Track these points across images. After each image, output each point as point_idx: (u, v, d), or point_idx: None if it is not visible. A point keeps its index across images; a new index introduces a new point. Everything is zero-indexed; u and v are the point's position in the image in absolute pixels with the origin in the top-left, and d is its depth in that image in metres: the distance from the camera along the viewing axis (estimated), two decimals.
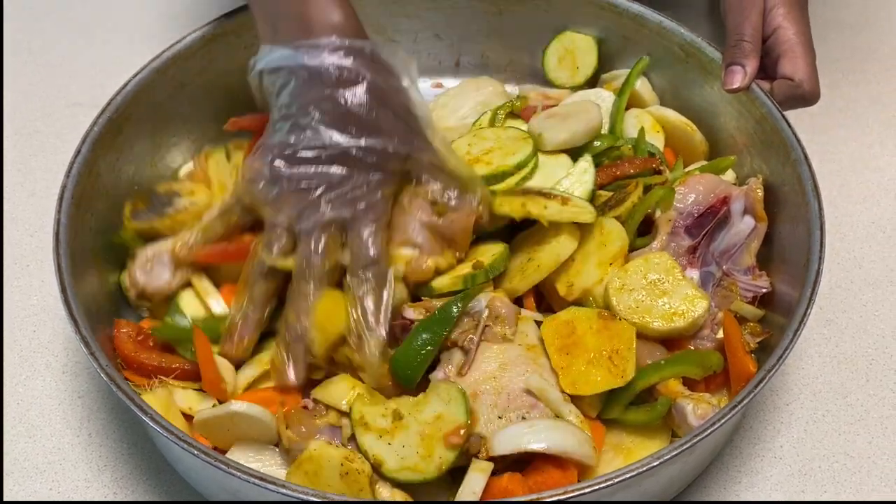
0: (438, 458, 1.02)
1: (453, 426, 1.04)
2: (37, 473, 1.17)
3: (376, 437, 1.04)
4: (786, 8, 1.30)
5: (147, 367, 1.13)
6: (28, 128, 1.57)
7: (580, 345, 1.12)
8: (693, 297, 1.16)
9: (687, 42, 1.37)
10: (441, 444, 1.03)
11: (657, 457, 0.96)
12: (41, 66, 1.67)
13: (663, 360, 1.14)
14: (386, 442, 1.04)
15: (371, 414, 1.06)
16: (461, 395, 1.05)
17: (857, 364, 1.29)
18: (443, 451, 1.03)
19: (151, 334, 1.16)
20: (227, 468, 0.95)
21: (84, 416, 1.23)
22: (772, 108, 1.27)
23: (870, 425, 1.23)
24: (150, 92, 1.32)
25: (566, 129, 1.32)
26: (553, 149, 1.32)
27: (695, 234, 1.25)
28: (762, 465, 1.19)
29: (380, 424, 1.05)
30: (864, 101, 1.61)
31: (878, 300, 1.35)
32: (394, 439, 1.04)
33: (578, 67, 1.49)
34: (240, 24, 1.39)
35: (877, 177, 1.50)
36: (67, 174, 1.19)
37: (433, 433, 1.04)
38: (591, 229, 1.21)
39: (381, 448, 1.04)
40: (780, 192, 1.26)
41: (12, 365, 1.27)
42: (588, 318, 1.14)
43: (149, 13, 1.75)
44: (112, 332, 1.17)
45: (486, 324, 1.13)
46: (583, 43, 1.49)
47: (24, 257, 1.39)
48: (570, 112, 1.35)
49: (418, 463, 1.03)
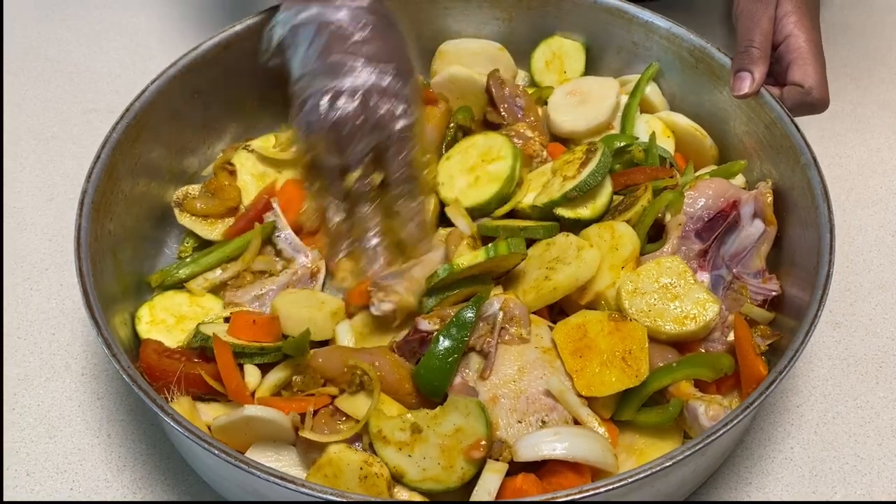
0: (461, 468, 1.04)
1: (474, 439, 1.05)
2: (57, 473, 1.19)
3: (396, 449, 1.06)
4: (797, 16, 1.31)
5: (170, 374, 1.14)
6: (45, 133, 1.59)
7: (593, 347, 1.13)
8: (704, 301, 1.17)
9: (696, 47, 1.39)
10: (462, 456, 1.04)
11: (669, 457, 0.97)
12: (58, 72, 1.69)
13: (675, 362, 1.15)
14: (406, 454, 1.05)
15: (389, 427, 1.07)
16: (480, 408, 1.06)
17: (867, 366, 1.30)
18: (464, 464, 1.04)
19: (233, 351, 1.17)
20: (248, 468, 0.96)
21: (104, 417, 1.24)
22: (781, 112, 1.28)
23: (880, 427, 1.24)
24: (167, 98, 1.34)
25: (582, 116, 1.39)
26: (564, 135, 1.39)
27: (705, 237, 1.26)
28: (773, 467, 1.20)
29: (398, 438, 1.06)
30: (872, 106, 1.62)
31: (887, 303, 1.36)
32: (413, 452, 1.05)
33: (566, 71, 1.51)
34: (254, 31, 1.41)
35: (885, 181, 1.51)
36: (88, 179, 1.20)
37: (454, 445, 1.05)
38: (602, 233, 1.23)
39: (401, 460, 1.05)
40: (790, 196, 1.27)
41: (32, 367, 1.29)
42: (599, 320, 1.15)
43: (164, 21, 1.77)
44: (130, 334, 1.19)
45: (501, 326, 1.14)
46: (570, 47, 1.51)
47: (43, 261, 1.41)
48: (588, 95, 1.41)
49: (440, 474, 1.04)
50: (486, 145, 1.33)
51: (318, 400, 1.13)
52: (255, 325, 1.17)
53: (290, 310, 1.20)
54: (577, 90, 1.44)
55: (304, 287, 1.27)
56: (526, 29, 1.53)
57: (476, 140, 1.34)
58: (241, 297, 1.25)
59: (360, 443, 1.08)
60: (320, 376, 1.14)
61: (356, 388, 1.12)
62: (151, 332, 1.23)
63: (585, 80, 1.47)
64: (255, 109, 1.50)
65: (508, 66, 1.51)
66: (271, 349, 1.16)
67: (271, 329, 1.18)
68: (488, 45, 1.50)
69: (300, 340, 1.14)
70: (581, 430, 1.08)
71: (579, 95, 1.43)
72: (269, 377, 1.16)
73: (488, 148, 1.32)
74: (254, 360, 1.16)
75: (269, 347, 1.16)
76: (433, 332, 1.12)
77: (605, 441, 1.07)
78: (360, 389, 1.12)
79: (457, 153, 1.34)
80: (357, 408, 1.11)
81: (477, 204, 1.28)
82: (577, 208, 1.26)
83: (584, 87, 1.45)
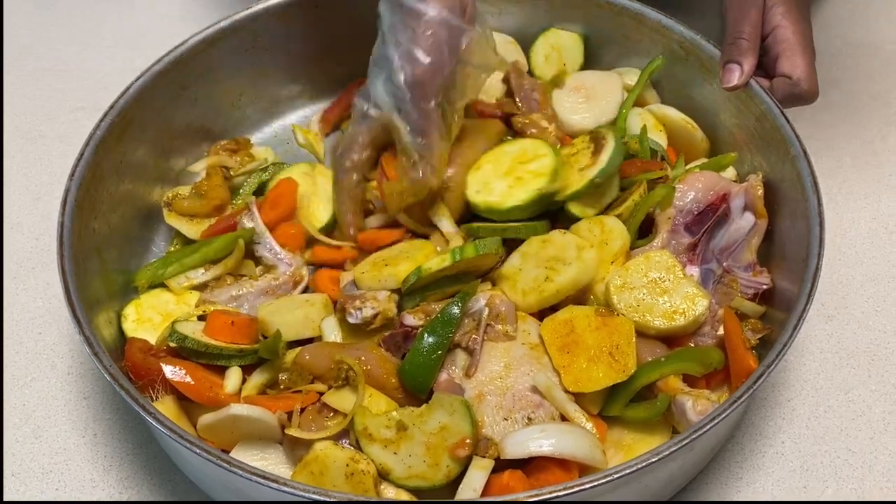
0: (446, 466, 1.04)
1: (459, 437, 1.04)
2: (43, 474, 1.18)
3: (381, 447, 1.05)
4: (785, 6, 1.30)
5: (155, 373, 1.13)
6: (32, 132, 1.58)
7: (580, 343, 1.12)
8: (694, 295, 1.16)
9: (686, 40, 1.37)
10: (447, 454, 1.04)
11: (656, 453, 0.96)
12: (45, 70, 1.68)
13: (663, 357, 1.14)
14: (392, 451, 1.05)
15: (374, 425, 1.06)
16: (465, 406, 1.06)
17: (858, 360, 1.29)
18: (449, 462, 1.04)
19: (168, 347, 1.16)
20: (231, 467, 0.96)
21: (90, 416, 1.24)
22: (771, 105, 1.27)
23: (872, 421, 1.23)
24: (153, 95, 1.33)
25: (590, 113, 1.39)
26: (572, 133, 1.37)
27: (695, 231, 1.25)
28: (764, 462, 1.19)
29: (384, 435, 1.05)
30: (864, 97, 1.61)
31: (879, 296, 1.35)
32: (399, 449, 1.05)
33: (565, 64, 1.50)
34: (239, 27, 1.40)
35: (878, 173, 1.50)
36: (71, 177, 1.20)
37: (439, 443, 1.05)
38: (592, 228, 1.22)
39: (387, 457, 1.05)
40: (780, 189, 1.26)
41: (18, 367, 1.28)
42: (586, 315, 1.14)
43: (150, 18, 1.76)
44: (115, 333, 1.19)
45: (487, 322, 1.13)
46: (569, 40, 1.50)
47: (29, 260, 1.40)
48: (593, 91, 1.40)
49: (426, 471, 1.04)
50: (518, 150, 1.28)
51: (305, 398, 1.12)
52: (234, 326, 1.16)
53: (283, 316, 1.18)
54: (581, 86, 1.43)
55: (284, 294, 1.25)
56: (516, 21, 1.52)
57: (505, 148, 1.30)
58: (217, 297, 1.24)
59: (346, 440, 1.08)
60: (308, 373, 1.14)
61: (342, 384, 1.11)
62: (138, 330, 1.22)
63: (587, 74, 1.46)
64: (241, 106, 1.49)
65: (521, 58, 1.50)
66: (249, 351, 1.15)
67: (249, 331, 1.17)
68: (498, 38, 1.48)
69: (272, 343, 1.13)
70: (568, 426, 1.07)
71: (584, 91, 1.42)
72: (254, 377, 1.16)
73: (521, 151, 1.28)
74: (232, 362, 1.15)
75: (248, 350, 1.15)
76: (418, 328, 1.12)
77: (592, 437, 1.07)
78: (345, 385, 1.11)
79: (487, 162, 1.29)
80: (344, 402, 1.10)
81: (525, 201, 1.21)
82: (585, 207, 1.25)
83: (588, 82, 1.44)
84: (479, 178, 1.27)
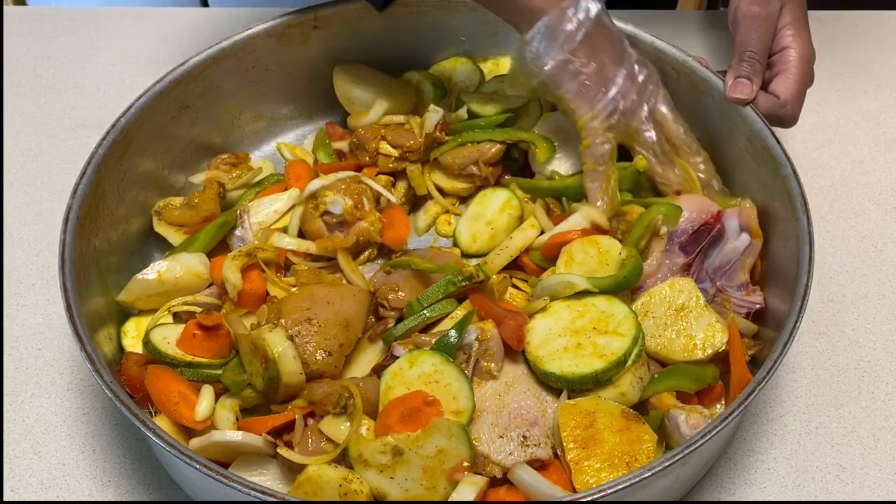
0: (443, 489, 1.04)
1: (457, 461, 1.05)
2: (42, 489, 1.19)
3: (377, 472, 1.05)
4: (794, 29, 1.34)
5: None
6: (34, 150, 1.59)
7: (598, 440, 1.07)
8: (713, 326, 1.17)
9: (679, 62, 1.39)
10: (444, 477, 1.05)
11: (649, 468, 0.98)
12: (46, 88, 1.70)
13: (658, 373, 1.16)
14: (388, 476, 1.05)
15: (369, 451, 1.06)
16: (462, 430, 1.06)
17: (849, 376, 1.30)
18: (447, 484, 1.04)
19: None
20: (229, 482, 0.97)
21: (89, 432, 1.24)
22: (762, 125, 1.29)
23: (862, 437, 1.24)
24: (154, 114, 1.35)
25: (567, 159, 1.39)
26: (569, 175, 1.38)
27: (689, 250, 1.26)
28: (756, 477, 1.21)
29: (380, 461, 1.05)
30: (854, 117, 1.63)
31: (869, 313, 1.37)
32: (395, 474, 1.05)
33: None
34: (239, 47, 1.42)
35: (868, 192, 1.52)
36: (73, 195, 1.21)
37: (436, 466, 1.05)
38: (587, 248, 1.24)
39: (383, 482, 1.05)
40: (771, 208, 1.28)
41: (18, 383, 1.29)
42: (611, 413, 1.10)
43: (151, 37, 1.78)
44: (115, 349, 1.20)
45: (475, 357, 1.15)
46: None
47: (30, 277, 1.41)
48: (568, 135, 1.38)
49: (422, 494, 1.04)
50: (604, 311, 1.17)
51: (287, 416, 1.13)
52: (195, 339, 1.16)
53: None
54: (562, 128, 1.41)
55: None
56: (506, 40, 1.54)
57: (595, 302, 1.18)
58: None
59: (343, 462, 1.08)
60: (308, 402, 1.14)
61: (340, 411, 1.12)
62: (137, 346, 1.24)
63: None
64: (241, 124, 1.51)
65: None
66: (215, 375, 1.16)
67: (213, 345, 1.17)
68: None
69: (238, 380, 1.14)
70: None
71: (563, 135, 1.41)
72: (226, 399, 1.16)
73: (607, 316, 1.16)
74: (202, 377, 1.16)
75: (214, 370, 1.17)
76: None
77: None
78: (343, 412, 1.12)
79: (563, 308, 1.18)
80: (339, 432, 1.11)
81: (575, 376, 1.12)
82: None
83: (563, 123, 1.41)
84: (543, 327, 1.17)
